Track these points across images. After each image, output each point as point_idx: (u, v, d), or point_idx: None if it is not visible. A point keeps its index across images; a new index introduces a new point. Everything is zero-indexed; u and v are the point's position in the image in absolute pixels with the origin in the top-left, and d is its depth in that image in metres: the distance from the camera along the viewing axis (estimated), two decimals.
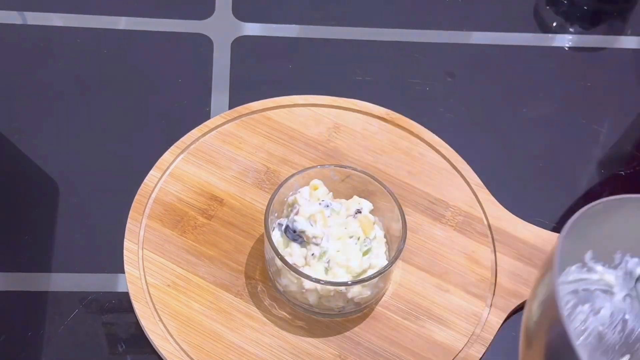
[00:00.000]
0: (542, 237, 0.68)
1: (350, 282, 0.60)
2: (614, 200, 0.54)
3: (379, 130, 0.74)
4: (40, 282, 0.64)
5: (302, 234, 0.61)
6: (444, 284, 0.65)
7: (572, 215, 0.72)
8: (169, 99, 0.76)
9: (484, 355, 0.63)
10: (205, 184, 0.69)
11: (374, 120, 0.75)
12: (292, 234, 0.61)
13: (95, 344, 0.62)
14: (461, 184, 0.71)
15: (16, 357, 0.61)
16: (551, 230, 0.69)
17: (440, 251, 0.67)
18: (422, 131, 0.74)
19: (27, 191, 0.70)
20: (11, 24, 0.80)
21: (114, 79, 0.77)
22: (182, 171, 0.70)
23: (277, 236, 0.62)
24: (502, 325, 0.64)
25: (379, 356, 0.62)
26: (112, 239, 0.66)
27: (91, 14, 0.82)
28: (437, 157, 0.73)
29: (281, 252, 0.61)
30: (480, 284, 0.66)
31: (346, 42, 0.83)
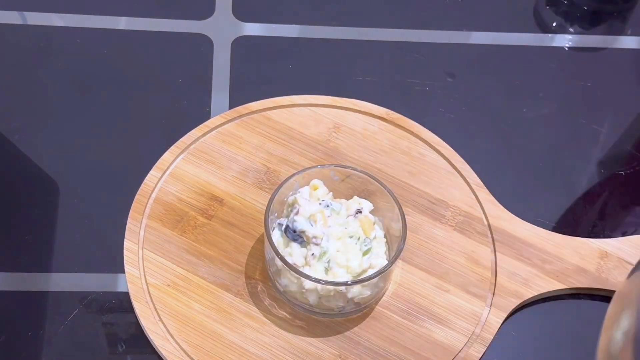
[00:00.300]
0: (542, 237, 0.68)
1: (350, 282, 0.60)
2: None
3: (379, 130, 0.74)
4: (40, 282, 0.64)
5: (302, 234, 0.61)
6: (444, 284, 0.65)
7: (572, 215, 0.73)
8: (169, 99, 0.76)
9: (483, 355, 0.63)
10: (205, 184, 0.69)
11: (374, 120, 0.75)
12: (292, 234, 0.61)
13: (95, 344, 0.62)
14: (461, 184, 0.71)
15: (16, 357, 0.61)
16: (551, 230, 0.69)
17: (440, 251, 0.67)
18: (422, 131, 0.74)
19: (27, 191, 0.70)
20: (11, 24, 0.80)
21: (114, 79, 0.77)
22: (182, 171, 0.70)
23: (277, 236, 0.62)
24: (502, 325, 0.64)
25: (379, 356, 0.62)
26: (112, 239, 0.66)
27: (91, 14, 0.82)
28: (437, 157, 0.73)
29: (281, 252, 0.61)
30: (480, 284, 0.66)
31: (346, 42, 0.83)
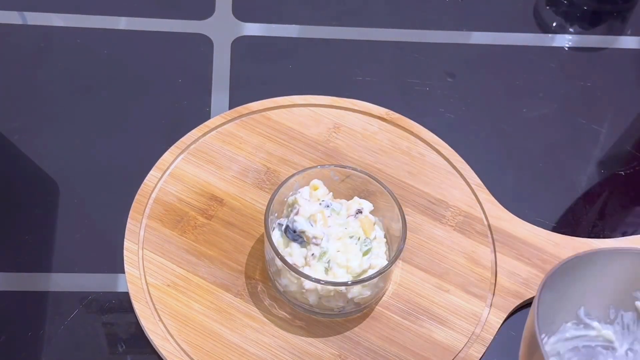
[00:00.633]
0: (542, 237, 0.68)
1: (350, 282, 0.60)
2: (589, 254, 0.55)
3: (379, 130, 0.74)
4: (40, 282, 0.64)
5: (302, 234, 0.61)
6: (444, 284, 0.65)
7: (572, 215, 0.73)
8: (169, 99, 0.76)
9: (483, 355, 0.63)
10: (205, 184, 0.69)
11: (373, 120, 0.75)
12: (292, 234, 0.61)
13: (95, 344, 0.62)
14: (461, 184, 0.71)
15: (16, 357, 0.61)
16: (551, 230, 0.69)
17: (440, 251, 0.67)
18: (422, 131, 0.74)
19: (27, 191, 0.70)
20: (11, 24, 0.80)
21: (114, 79, 0.77)
22: (182, 171, 0.70)
23: (277, 236, 0.62)
24: (502, 325, 0.64)
25: (379, 356, 0.62)
26: (112, 239, 0.66)
27: (91, 14, 0.82)
28: (437, 157, 0.72)
29: (281, 252, 0.61)
30: (480, 284, 0.66)
31: (346, 42, 0.83)
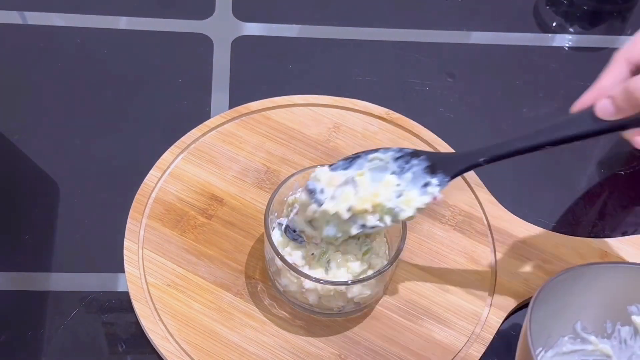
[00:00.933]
0: (542, 237, 0.68)
1: (350, 282, 0.60)
2: (581, 267, 0.56)
3: (379, 130, 0.74)
4: (40, 282, 0.64)
5: (302, 234, 0.61)
6: (444, 284, 0.65)
7: (572, 215, 0.73)
8: (169, 99, 0.76)
9: (483, 354, 0.63)
10: (205, 183, 0.69)
11: (374, 120, 0.75)
12: (291, 234, 0.61)
13: (95, 344, 0.62)
14: (461, 184, 0.71)
15: (16, 357, 0.61)
16: (551, 230, 0.69)
17: (440, 251, 0.67)
18: (422, 131, 0.74)
19: (27, 191, 0.70)
20: (11, 24, 0.80)
21: (114, 78, 0.77)
22: (182, 171, 0.70)
23: (277, 236, 0.62)
24: (501, 324, 0.64)
25: (379, 356, 0.62)
26: (112, 239, 0.66)
27: (91, 14, 0.82)
28: None
29: (281, 252, 0.61)
30: (480, 284, 0.66)
31: (346, 42, 0.83)
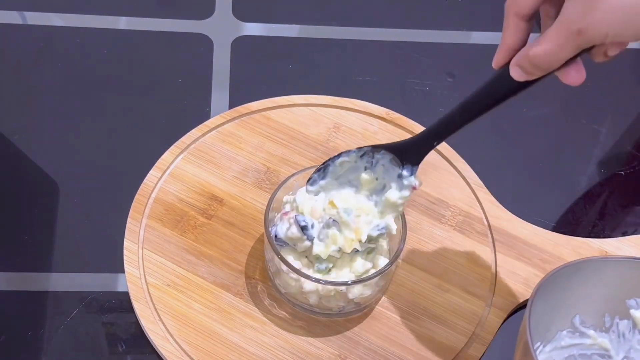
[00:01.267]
0: (542, 237, 0.68)
1: (350, 281, 0.60)
2: (579, 262, 0.56)
3: (378, 130, 0.74)
4: (40, 282, 0.64)
5: (289, 240, 0.60)
6: (444, 284, 0.65)
7: (572, 215, 0.73)
8: (169, 99, 0.76)
9: (483, 355, 0.63)
10: (205, 183, 0.69)
11: (373, 120, 0.75)
12: (281, 241, 0.60)
13: (95, 344, 0.62)
14: (461, 184, 0.71)
15: (16, 357, 0.61)
16: (551, 230, 0.69)
17: (440, 251, 0.67)
18: None
19: (27, 191, 0.70)
20: (11, 24, 0.80)
21: (114, 79, 0.77)
22: (182, 171, 0.70)
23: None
24: (502, 325, 0.64)
25: (379, 356, 0.62)
26: (112, 239, 0.66)
27: (91, 14, 0.82)
28: (437, 157, 0.72)
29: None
30: (480, 284, 0.66)
31: (346, 42, 0.83)
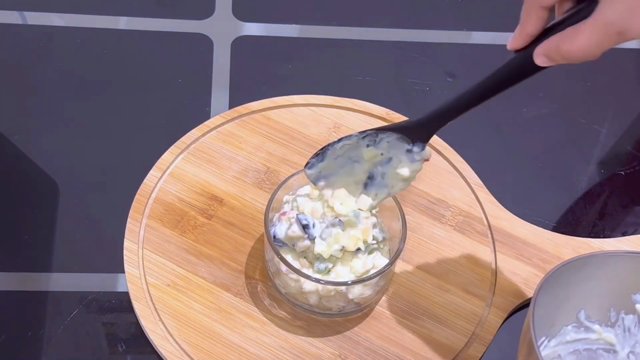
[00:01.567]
0: (542, 237, 0.68)
1: (350, 281, 0.60)
2: (584, 257, 0.56)
3: None
4: (40, 282, 0.64)
5: (288, 241, 0.60)
6: (444, 284, 0.65)
7: (572, 215, 0.73)
8: (169, 99, 0.76)
9: (483, 355, 0.63)
10: (205, 183, 0.69)
11: (374, 120, 0.75)
12: (279, 242, 0.60)
13: (95, 344, 0.62)
14: (461, 184, 0.71)
15: (16, 357, 0.61)
16: (551, 230, 0.69)
17: (440, 251, 0.67)
18: None
19: (27, 191, 0.70)
20: (11, 24, 0.80)
21: (114, 79, 0.77)
22: (182, 171, 0.70)
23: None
24: (502, 325, 0.64)
25: (379, 356, 0.62)
26: (112, 239, 0.66)
27: (91, 14, 0.82)
28: (437, 157, 0.72)
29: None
30: (480, 284, 0.66)
31: (346, 42, 0.83)
